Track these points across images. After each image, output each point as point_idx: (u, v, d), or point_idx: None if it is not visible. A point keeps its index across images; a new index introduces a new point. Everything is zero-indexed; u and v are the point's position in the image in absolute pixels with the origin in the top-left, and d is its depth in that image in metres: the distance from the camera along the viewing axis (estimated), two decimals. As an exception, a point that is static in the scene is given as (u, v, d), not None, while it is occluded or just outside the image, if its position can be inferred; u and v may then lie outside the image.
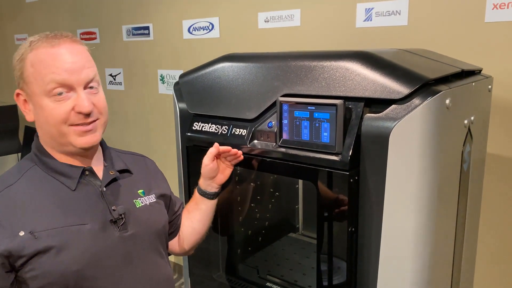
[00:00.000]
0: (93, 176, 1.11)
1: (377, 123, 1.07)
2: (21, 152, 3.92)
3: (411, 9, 1.89)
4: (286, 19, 2.30)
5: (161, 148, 3.15)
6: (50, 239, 0.99)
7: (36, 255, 0.97)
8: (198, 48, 2.76)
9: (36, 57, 1.01)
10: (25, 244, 0.97)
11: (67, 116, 1.01)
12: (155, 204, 1.21)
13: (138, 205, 1.15)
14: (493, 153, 1.76)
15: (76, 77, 1.01)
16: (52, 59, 1.00)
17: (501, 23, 1.69)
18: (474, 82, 1.33)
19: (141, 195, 1.19)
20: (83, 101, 1.01)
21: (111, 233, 1.07)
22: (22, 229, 0.98)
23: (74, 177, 1.07)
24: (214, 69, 1.41)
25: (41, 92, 1.01)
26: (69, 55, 1.01)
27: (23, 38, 4.13)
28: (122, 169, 1.18)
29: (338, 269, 1.19)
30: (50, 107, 1.01)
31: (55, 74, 0.99)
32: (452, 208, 1.26)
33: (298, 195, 1.95)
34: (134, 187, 1.19)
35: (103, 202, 1.09)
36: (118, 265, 1.07)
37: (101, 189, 1.10)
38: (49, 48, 1.01)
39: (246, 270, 1.64)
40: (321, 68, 1.18)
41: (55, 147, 1.08)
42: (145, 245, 1.14)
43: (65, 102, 1.01)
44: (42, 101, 1.01)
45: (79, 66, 1.02)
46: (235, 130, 1.34)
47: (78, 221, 1.03)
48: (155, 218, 1.19)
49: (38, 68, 1.00)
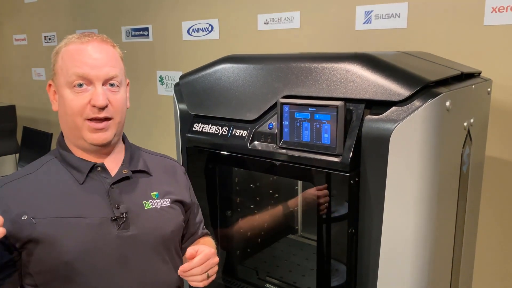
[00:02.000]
0: (105, 172, 1.12)
1: (378, 125, 1.08)
2: (19, 153, 3.91)
3: (411, 12, 1.90)
4: (286, 21, 2.31)
5: (161, 149, 3.14)
6: (47, 227, 1.02)
7: (31, 241, 1.01)
8: (198, 49, 2.76)
9: (67, 52, 1.08)
10: (23, 227, 1.01)
11: (83, 108, 1.06)
12: (168, 209, 1.17)
13: (147, 207, 1.13)
14: (492, 156, 1.77)
15: (96, 73, 1.06)
16: (78, 54, 1.07)
17: (500, 26, 1.70)
18: (474, 85, 1.34)
19: (154, 198, 1.16)
20: (98, 95, 1.05)
21: (109, 231, 1.06)
22: (26, 214, 1.02)
23: (84, 171, 1.10)
24: (215, 70, 1.41)
25: (65, 83, 1.07)
26: (94, 52, 1.08)
27: (22, 38, 4.12)
28: (139, 169, 1.18)
29: (338, 270, 1.19)
30: (70, 98, 1.06)
31: (77, 67, 1.05)
32: (451, 209, 1.27)
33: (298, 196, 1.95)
34: (148, 189, 1.17)
35: (108, 199, 1.09)
36: (111, 264, 1.06)
37: (109, 186, 1.10)
38: (79, 44, 1.08)
39: (245, 271, 1.63)
40: (322, 69, 1.18)
41: (71, 140, 1.12)
42: (146, 248, 1.11)
43: (83, 94, 1.06)
44: (64, 91, 1.07)
45: (102, 63, 1.07)
46: (235, 131, 1.34)
47: (78, 214, 1.05)
48: (163, 222, 1.16)
49: (66, 61, 1.07)
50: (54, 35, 3.79)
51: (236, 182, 1.56)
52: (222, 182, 1.52)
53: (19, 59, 4.24)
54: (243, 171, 1.53)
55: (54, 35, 3.79)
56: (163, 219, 1.16)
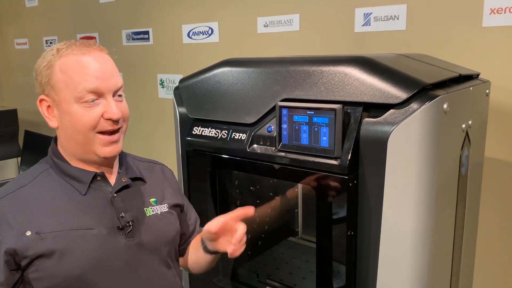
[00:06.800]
0: (105, 181, 1.11)
1: (376, 128, 1.08)
2: (20, 157, 3.93)
3: (409, 14, 1.91)
4: (285, 24, 2.32)
5: (161, 153, 3.15)
6: (55, 241, 0.99)
7: (40, 256, 0.98)
8: (198, 52, 2.77)
9: (66, 64, 1.02)
10: (30, 244, 0.98)
11: (96, 122, 1.03)
12: (167, 214, 1.19)
13: (148, 214, 1.14)
14: (491, 157, 1.77)
15: (107, 85, 1.04)
16: (84, 67, 1.02)
17: (499, 27, 1.70)
18: (472, 87, 1.34)
19: (153, 204, 1.17)
20: (112, 108, 1.03)
21: (117, 240, 1.06)
22: (29, 229, 0.99)
23: (85, 181, 1.08)
24: (214, 74, 1.42)
25: (72, 99, 1.02)
26: (99, 64, 1.04)
27: (23, 42, 4.14)
28: (136, 177, 1.17)
29: (338, 272, 1.19)
30: (80, 113, 1.02)
31: (87, 82, 1.01)
32: (450, 211, 1.27)
33: (298, 199, 1.95)
34: (147, 196, 1.17)
35: (112, 208, 1.08)
36: (122, 273, 1.06)
37: (111, 195, 1.09)
38: (80, 55, 1.03)
39: (245, 274, 1.64)
40: (320, 73, 1.19)
41: (76, 154, 1.08)
42: (152, 254, 1.12)
43: (94, 108, 1.03)
44: (71, 107, 1.02)
45: (109, 74, 1.05)
46: (234, 135, 1.35)
47: (85, 225, 1.03)
48: (165, 228, 1.17)
49: (70, 74, 1.02)
50: (55, 39, 3.80)
51: (236, 185, 1.57)
52: (222, 185, 1.52)
53: (21, 63, 4.25)
54: (243, 174, 1.54)
55: (55, 39, 3.81)
56: (165, 225, 1.17)
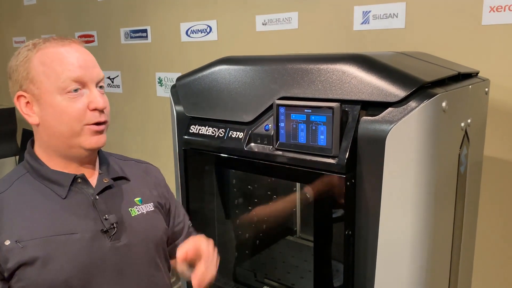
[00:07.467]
0: (86, 183, 1.06)
1: (374, 126, 1.07)
2: (18, 155, 3.92)
3: (408, 12, 1.90)
4: (284, 22, 2.31)
5: (159, 151, 3.14)
6: (36, 248, 0.96)
7: (23, 265, 0.94)
8: (196, 50, 2.76)
9: (46, 56, 1.00)
10: (10, 253, 0.94)
11: (82, 113, 1.00)
12: (153, 213, 1.15)
13: (133, 214, 1.10)
14: (490, 156, 1.76)
15: (90, 74, 1.01)
16: (65, 57, 1.00)
17: (498, 25, 1.69)
18: (471, 85, 1.33)
19: (138, 203, 1.13)
20: (96, 97, 1.01)
21: (102, 244, 1.02)
22: (8, 238, 0.95)
23: (65, 184, 1.03)
24: (211, 72, 1.41)
25: (55, 90, 0.99)
26: (80, 54, 1.02)
27: (21, 41, 4.13)
28: (118, 176, 1.14)
29: (336, 272, 1.19)
30: (64, 105, 0.99)
31: (70, 71, 0.99)
32: (449, 210, 1.26)
33: (296, 197, 1.95)
34: (131, 195, 1.14)
35: (95, 211, 1.04)
36: (109, 276, 1.03)
37: (93, 197, 1.06)
38: (60, 47, 1.01)
39: (243, 273, 1.63)
40: (318, 71, 1.18)
41: (59, 150, 1.04)
42: (139, 256, 1.09)
43: (78, 99, 1.00)
44: (54, 99, 0.99)
45: (92, 64, 1.03)
46: (232, 133, 1.34)
47: (67, 230, 0.99)
48: (152, 227, 1.13)
49: (51, 65, 0.99)
50: (54, 37, 3.80)
51: (234, 183, 1.56)
52: (219, 184, 1.52)
53: (19, 62, 4.24)
54: (240, 173, 1.53)
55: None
56: (151, 224, 1.14)
